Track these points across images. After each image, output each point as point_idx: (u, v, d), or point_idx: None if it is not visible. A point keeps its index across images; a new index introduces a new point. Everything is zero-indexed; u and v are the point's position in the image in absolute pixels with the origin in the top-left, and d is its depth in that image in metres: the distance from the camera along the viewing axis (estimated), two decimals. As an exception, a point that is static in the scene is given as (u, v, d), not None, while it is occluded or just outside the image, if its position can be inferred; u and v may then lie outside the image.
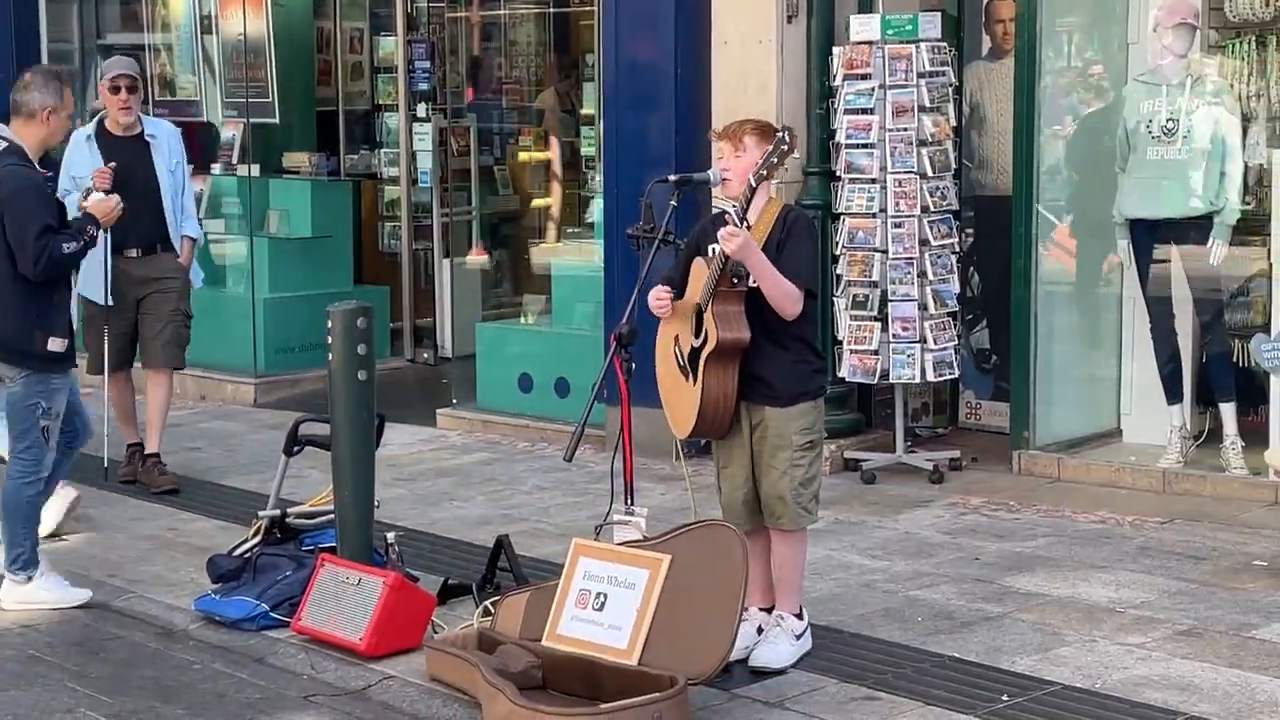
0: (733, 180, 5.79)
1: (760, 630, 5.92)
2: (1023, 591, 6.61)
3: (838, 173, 8.50)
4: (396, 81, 12.03)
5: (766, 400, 5.79)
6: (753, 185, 5.65)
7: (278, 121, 12.05)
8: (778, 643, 5.87)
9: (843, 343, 8.47)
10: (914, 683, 5.69)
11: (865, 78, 8.38)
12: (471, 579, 6.73)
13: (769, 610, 5.96)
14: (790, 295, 5.66)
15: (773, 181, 5.86)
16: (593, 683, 5.51)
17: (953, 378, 8.75)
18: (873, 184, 8.36)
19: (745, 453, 5.86)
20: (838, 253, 8.49)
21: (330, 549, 6.61)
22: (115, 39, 12.87)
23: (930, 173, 8.35)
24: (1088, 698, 5.50)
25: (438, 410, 10.19)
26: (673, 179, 6.03)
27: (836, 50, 8.51)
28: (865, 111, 8.37)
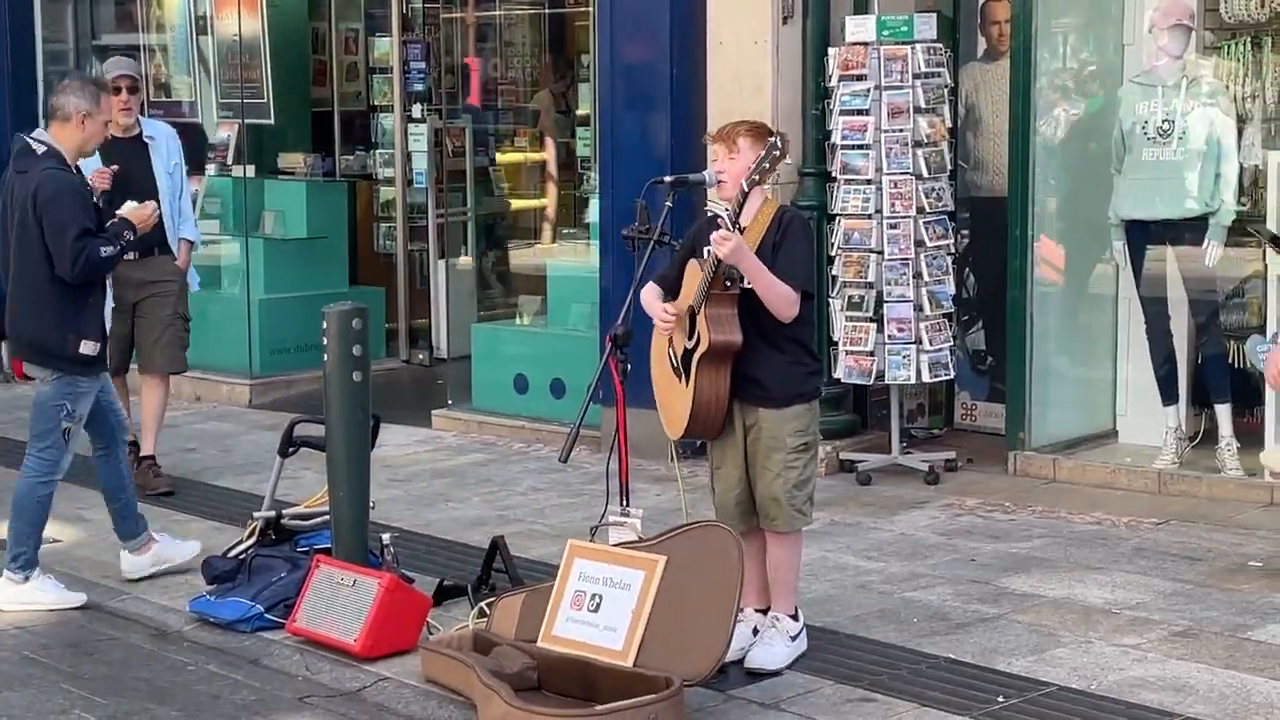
0: (728, 182, 5.79)
1: (756, 631, 5.92)
2: (1018, 593, 6.61)
3: (833, 174, 8.50)
4: (392, 82, 12.04)
5: (761, 401, 5.78)
6: (744, 191, 5.65)
7: (273, 122, 12.04)
8: (773, 644, 5.86)
9: (838, 344, 8.47)
10: (909, 684, 5.69)
11: (861, 79, 8.38)
12: (467, 580, 6.73)
13: (764, 611, 5.95)
14: (785, 298, 5.66)
15: (767, 184, 5.85)
16: (588, 684, 5.50)
17: (948, 379, 8.75)
18: (868, 185, 8.36)
19: (739, 454, 5.85)
20: (833, 254, 8.49)
21: (325, 550, 6.61)
22: (110, 39, 12.85)
23: (926, 174, 8.36)
24: (1083, 699, 5.50)
25: (433, 411, 10.19)
26: (668, 180, 6.02)
27: (832, 51, 8.51)
28: (861, 112, 8.37)
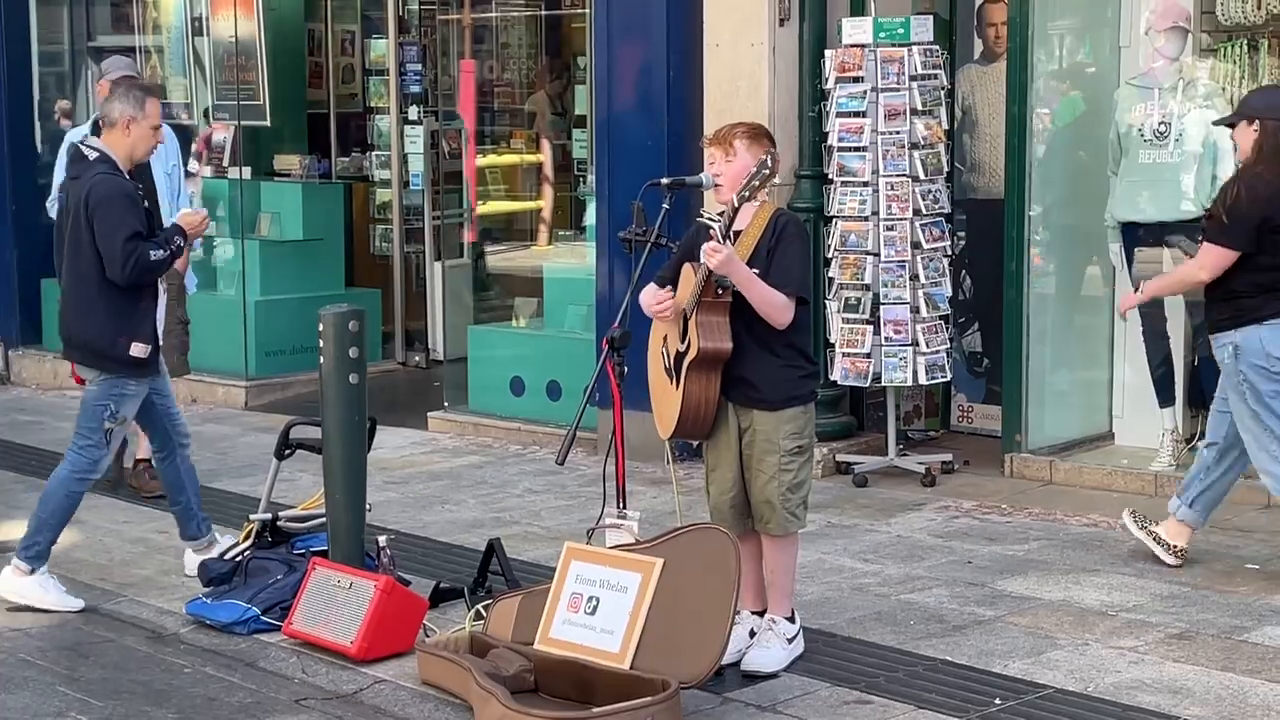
0: (725, 184, 5.78)
1: (752, 634, 5.91)
2: (1015, 595, 6.61)
3: (830, 176, 8.51)
4: (388, 84, 12.04)
5: (756, 404, 5.78)
6: (735, 206, 5.63)
7: (269, 124, 12.04)
8: (770, 646, 5.86)
9: (834, 346, 8.47)
10: (906, 686, 5.69)
11: (857, 81, 8.38)
12: (463, 582, 6.73)
13: (761, 614, 5.95)
14: (779, 305, 5.65)
15: (756, 200, 5.82)
16: (585, 686, 5.50)
17: (945, 381, 8.75)
18: (865, 187, 8.36)
19: (734, 456, 5.84)
20: (830, 256, 8.49)
21: (322, 552, 6.61)
22: (106, 41, 12.84)
23: (922, 176, 8.36)
24: (1080, 701, 5.50)
25: (429, 413, 10.18)
26: (665, 182, 6.00)
27: (828, 53, 8.51)
28: (857, 114, 8.37)
